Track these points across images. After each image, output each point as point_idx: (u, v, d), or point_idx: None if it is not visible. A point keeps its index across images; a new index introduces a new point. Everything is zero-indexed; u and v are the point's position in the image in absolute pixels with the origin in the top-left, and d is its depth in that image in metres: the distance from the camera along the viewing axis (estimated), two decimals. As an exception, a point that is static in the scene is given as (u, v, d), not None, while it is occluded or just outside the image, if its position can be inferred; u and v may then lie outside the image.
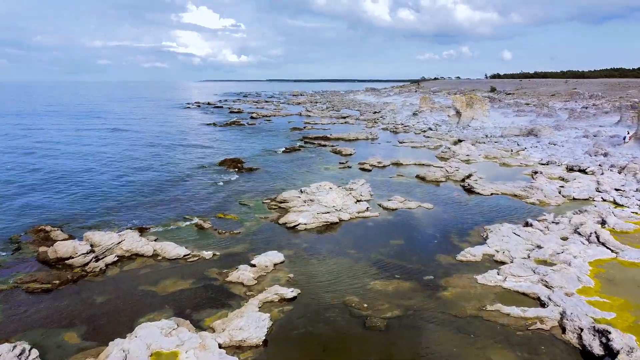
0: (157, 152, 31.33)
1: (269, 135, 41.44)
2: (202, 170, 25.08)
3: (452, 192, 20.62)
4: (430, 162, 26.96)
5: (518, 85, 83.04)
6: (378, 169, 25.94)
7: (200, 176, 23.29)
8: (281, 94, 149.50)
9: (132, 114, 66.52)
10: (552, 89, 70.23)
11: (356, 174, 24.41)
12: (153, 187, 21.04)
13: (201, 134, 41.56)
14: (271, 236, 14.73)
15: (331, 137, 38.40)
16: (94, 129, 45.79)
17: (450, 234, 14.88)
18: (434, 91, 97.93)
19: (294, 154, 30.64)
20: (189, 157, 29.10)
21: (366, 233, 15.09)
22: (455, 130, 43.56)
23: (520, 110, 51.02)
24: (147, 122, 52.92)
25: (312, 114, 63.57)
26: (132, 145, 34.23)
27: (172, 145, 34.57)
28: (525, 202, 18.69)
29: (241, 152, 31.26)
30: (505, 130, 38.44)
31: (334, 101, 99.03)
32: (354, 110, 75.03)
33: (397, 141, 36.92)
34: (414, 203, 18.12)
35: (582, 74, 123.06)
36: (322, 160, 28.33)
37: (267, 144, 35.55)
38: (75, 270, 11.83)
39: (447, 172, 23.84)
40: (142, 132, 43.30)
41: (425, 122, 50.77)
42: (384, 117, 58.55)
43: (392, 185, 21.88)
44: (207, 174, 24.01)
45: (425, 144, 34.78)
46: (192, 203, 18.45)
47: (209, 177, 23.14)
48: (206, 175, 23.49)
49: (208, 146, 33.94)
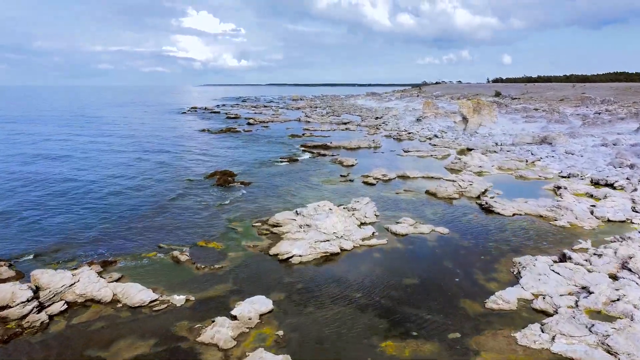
0: (140, 162, 28.97)
1: (266, 143, 39.13)
2: (188, 185, 22.70)
3: (468, 211, 18.23)
4: (439, 175, 24.59)
5: (523, 90, 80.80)
6: (383, 182, 23.57)
7: (184, 192, 20.88)
8: (280, 99, 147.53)
9: (124, 119, 64.30)
10: (559, 93, 67.99)
11: (359, 189, 22.05)
12: (129, 205, 18.64)
13: (193, 142, 39.25)
14: (259, 272, 12.33)
15: (331, 145, 36.08)
16: (79, 135, 43.47)
17: (473, 269, 12.49)
18: (437, 96, 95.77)
19: (291, 165, 28.29)
20: (176, 169, 26.74)
21: (373, 268, 12.69)
22: (463, 138, 41.25)
23: (529, 116, 48.72)
24: (137, 129, 50.65)
25: (312, 120, 61.33)
26: (113, 155, 31.89)
27: (159, 154, 32.23)
28: (554, 224, 16.30)
29: (234, 163, 28.93)
30: (516, 138, 36.11)
31: (334, 106, 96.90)
32: (355, 115, 72.82)
33: (402, 150, 34.58)
34: (426, 227, 15.73)
35: (587, 78, 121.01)
36: (321, 173, 25.97)
37: (263, 153, 33.21)
38: (9, 326, 9.42)
39: (459, 187, 21.46)
40: (129, 139, 41.00)
41: (429, 129, 48.48)
42: (387, 123, 56.28)
43: (399, 203, 19.50)
44: (193, 189, 21.63)
45: (432, 153, 32.43)
46: (172, 226, 16.07)
47: (195, 193, 20.75)
48: (191, 191, 21.10)
49: (198, 156, 31.61)
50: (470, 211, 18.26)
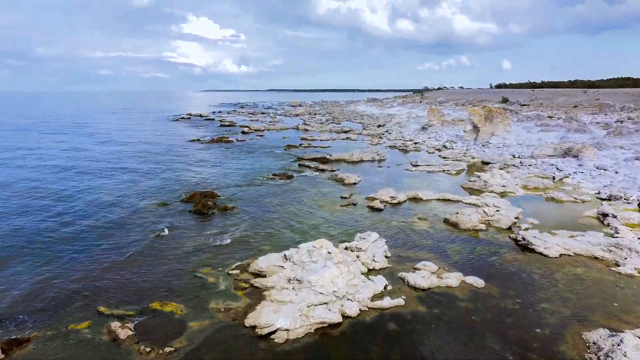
0: (111, 179, 25.36)
1: (259, 155, 35.57)
2: (159, 211, 19.06)
3: (501, 250, 14.59)
4: (457, 197, 20.97)
5: (531, 96, 77.42)
6: (391, 206, 19.95)
7: (150, 223, 17.21)
8: (279, 105, 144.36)
9: (112, 127, 60.85)
10: (572, 99, 64.56)
11: (364, 216, 18.43)
12: (71, 243, 14.90)
13: (179, 154, 35.67)
14: (227, 359, 8.69)
15: (331, 158, 32.50)
16: (59, 143, 39.91)
17: (529, 353, 8.83)
18: (441, 102, 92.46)
19: (284, 184, 24.69)
20: (151, 189, 23.13)
21: (388, 352, 9.02)
22: (475, 149, 37.70)
23: (544, 125, 45.21)
24: (123, 138, 47.14)
25: (310, 128, 57.87)
26: (83, 169, 28.27)
27: (137, 169, 28.63)
28: (617, 272, 12.66)
29: (220, 180, 25.34)
30: (536, 150, 32.53)
31: (334, 112, 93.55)
32: (356, 122, 69.40)
33: (409, 163, 30.99)
34: (454, 277, 12.08)
35: (593, 84, 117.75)
36: (319, 194, 22.36)
37: (254, 168, 29.62)
38: None
39: (485, 214, 17.84)
40: (109, 150, 37.44)
41: (437, 138, 44.96)
42: (390, 131, 52.77)
43: (413, 236, 15.88)
44: (163, 218, 17.98)
45: (444, 168, 28.83)
46: (123, 277, 12.41)
47: (165, 224, 17.10)
48: (160, 221, 17.44)
49: (181, 171, 28.00)
50: (504, 250, 14.62)
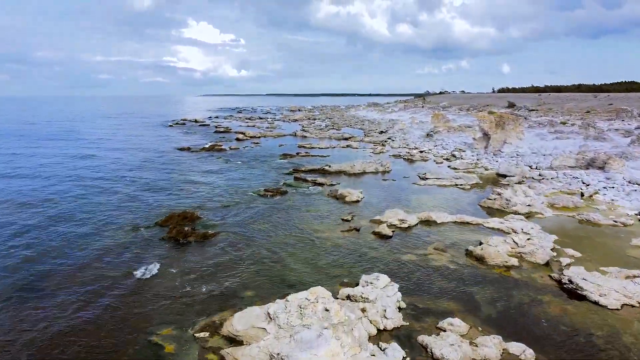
0: (82, 197, 22.38)
1: (252, 165, 32.64)
2: (127, 238, 16.09)
3: (543, 297, 11.60)
4: (476, 220, 18.00)
5: (539, 100, 74.61)
6: (401, 232, 16.99)
7: (111, 258, 14.19)
8: (278, 109, 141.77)
9: (102, 134, 57.98)
10: (583, 104, 61.73)
11: (369, 246, 15.45)
12: (4, 288, 11.97)
13: (165, 164, 32.74)
14: None
15: (330, 169, 29.56)
16: (39, 149, 37.01)
17: None
18: (444, 107, 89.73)
19: (277, 201, 21.73)
20: (124, 208, 20.16)
21: None
22: (486, 158, 34.79)
23: (558, 132, 42.31)
24: (110, 146, 44.24)
25: (309, 135, 55.01)
26: (58, 180, 25.32)
27: (116, 183, 25.69)
28: (703, 333, 9.70)
29: (205, 197, 22.40)
30: (555, 161, 29.60)
31: (334, 118, 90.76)
32: (357, 128, 66.56)
33: (417, 176, 28.06)
34: (492, 344, 9.09)
35: (599, 88, 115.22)
36: (315, 214, 19.39)
37: (245, 181, 26.68)
38: None
39: (514, 244, 14.86)
40: (91, 159, 34.51)
41: (444, 146, 42.06)
42: (393, 138, 49.89)
43: (432, 276, 12.89)
44: (129, 249, 14.99)
45: (456, 182, 25.87)
46: (57, 339, 9.45)
47: (125, 258, 14.07)
48: (123, 255, 14.44)
49: (163, 186, 25.05)
50: (547, 296, 11.62)
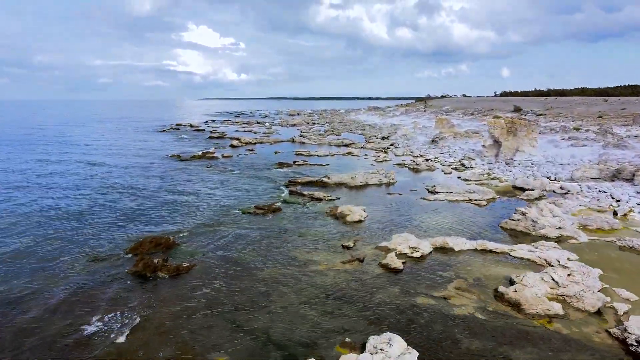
0: (38, 212, 19.72)
1: (244, 176, 29.99)
2: (85, 272, 13.39)
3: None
4: (501, 247, 15.31)
5: (546, 105, 72.08)
6: (412, 263, 14.30)
7: (53, 303, 11.47)
8: (277, 114, 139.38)
9: (92, 139, 55.39)
10: (593, 109, 59.19)
11: (375, 285, 12.74)
12: None
13: (149, 174, 30.09)
14: None
15: (329, 181, 26.91)
16: (20, 155, 34.37)
17: None
18: (447, 111, 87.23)
19: (268, 222, 19.05)
20: (88, 229, 17.47)
21: None
22: (499, 167, 32.15)
23: (573, 138, 39.70)
24: (94, 152, 41.61)
25: (307, 141, 52.41)
26: (28, 194, 22.65)
27: (85, 196, 23.01)
28: None
29: (186, 216, 19.73)
30: (576, 172, 26.96)
31: (333, 122, 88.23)
32: (357, 134, 64.00)
33: (425, 189, 25.40)
34: None
35: (605, 91, 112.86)
36: (311, 239, 16.70)
37: (234, 196, 24.02)
38: None
39: (553, 282, 12.18)
40: (74, 167, 31.87)
41: (451, 154, 39.45)
42: (396, 145, 47.29)
43: (456, 330, 10.17)
44: (82, 289, 12.27)
45: (470, 196, 23.19)
46: None
47: (76, 305, 11.36)
48: (74, 298, 11.71)
49: (140, 202, 22.37)
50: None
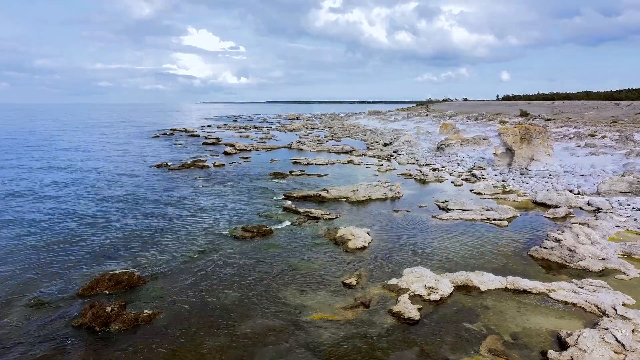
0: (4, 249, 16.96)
1: (234, 189, 27.25)
2: (20, 326, 10.62)
3: None
4: (536, 285, 12.53)
5: (554, 109, 69.50)
6: (431, 310, 11.51)
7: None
8: (275, 118, 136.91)
9: (79, 145, 52.68)
10: (605, 113, 56.60)
11: (386, 342, 9.92)
12: None
13: (129, 188, 27.33)
14: None
15: (328, 196, 24.18)
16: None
17: None
18: (450, 115, 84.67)
19: (256, 248, 16.29)
20: (38, 262, 14.69)
21: None
22: (513, 178, 29.44)
23: (590, 145, 37.03)
24: (75, 161, 38.88)
25: (306, 147, 49.74)
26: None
27: (47, 216, 20.24)
28: None
29: (160, 241, 16.96)
30: (603, 185, 24.24)
31: (333, 127, 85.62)
32: (358, 139, 61.39)
33: (436, 204, 22.67)
34: None
35: (612, 95, 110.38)
36: (306, 274, 13.93)
37: (220, 214, 21.27)
38: None
39: (618, 344, 9.41)
40: (52, 178, 29.12)
41: (459, 162, 36.74)
42: (399, 152, 44.61)
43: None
44: (16, 349, 9.52)
45: (488, 215, 20.40)
46: None
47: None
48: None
49: (109, 224, 19.58)
50: None
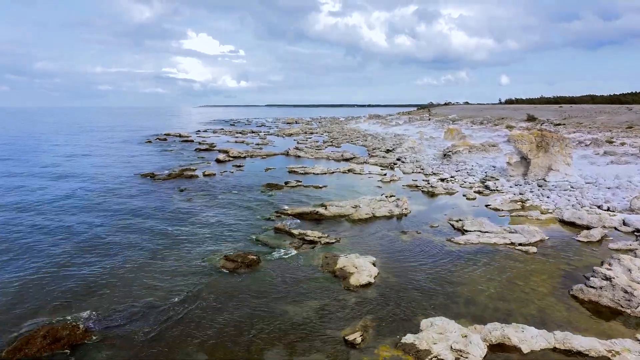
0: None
1: (221, 203, 24.44)
2: None
3: None
4: (597, 347, 9.68)
5: (563, 113, 66.88)
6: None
7: None
8: (274, 122, 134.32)
9: (64, 151, 49.87)
10: (617, 118, 53.96)
11: None
12: None
13: (100, 205, 24.46)
14: None
15: (326, 213, 21.35)
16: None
17: None
18: (453, 120, 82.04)
19: (238, 285, 13.46)
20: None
21: None
22: (531, 191, 26.65)
23: (610, 153, 34.29)
24: (53, 169, 36.06)
25: (303, 154, 46.95)
26: None
27: (10, 248, 17.43)
28: None
29: (119, 279, 14.14)
30: (637, 200, 21.43)
31: (332, 131, 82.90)
32: (359, 145, 58.63)
33: (450, 224, 19.84)
34: None
35: (618, 99, 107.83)
36: (297, 328, 11.09)
37: (200, 237, 18.42)
38: None
39: None
40: (17, 194, 26.31)
41: (469, 172, 33.95)
42: (403, 159, 41.83)
43: None
44: None
45: (512, 238, 17.56)
46: None
47: None
48: None
49: (59, 259, 16.76)
50: None
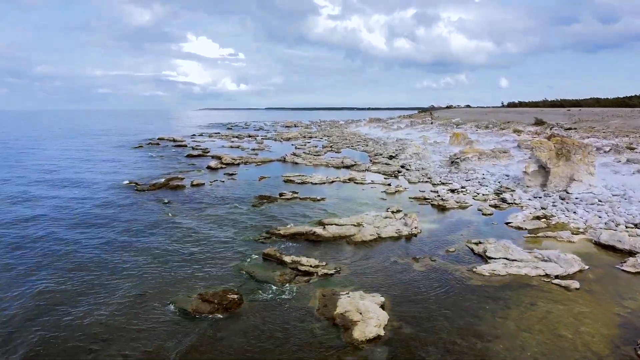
0: None
1: (206, 220, 21.66)
2: None
3: None
4: None
5: (572, 117, 64.22)
6: None
7: None
8: (272, 125, 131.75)
9: (50, 156, 47.11)
10: (632, 122, 51.32)
11: None
12: None
13: (68, 220, 21.65)
14: None
15: (324, 233, 18.56)
16: None
17: None
18: (457, 123, 79.39)
19: (210, 336, 10.63)
20: None
21: None
22: (555, 204, 23.89)
23: (634, 161, 31.53)
24: (30, 177, 33.29)
25: (301, 160, 44.21)
26: None
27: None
28: None
29: (72, 323, 11.37)
30: (682, 218, 18.66)
31: (332, 136, 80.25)
32: (360, 150, 55.94)
33: (468, 247, 17.07)
34: None
35: (624, 102, 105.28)
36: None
37: (174, 267, 15.63)
38: None
39: None
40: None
41: (480, 181, 31.18)
42: (408, 166, 39.07)
43: None
44: None
45: (545, 268, 14.75)
46: None
47: None
48: None
49: (6, 294, 13.99)
50: None
